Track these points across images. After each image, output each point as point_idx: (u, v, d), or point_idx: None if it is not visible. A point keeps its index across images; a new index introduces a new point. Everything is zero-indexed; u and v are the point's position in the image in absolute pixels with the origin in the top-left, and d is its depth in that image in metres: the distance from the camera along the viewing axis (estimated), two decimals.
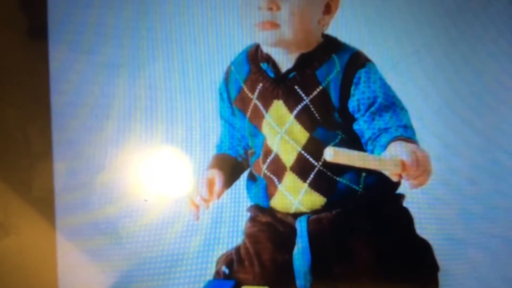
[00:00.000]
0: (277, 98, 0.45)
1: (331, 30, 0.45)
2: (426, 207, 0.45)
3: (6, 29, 0.44)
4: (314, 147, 0.44)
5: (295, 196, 0.45)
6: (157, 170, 0.45)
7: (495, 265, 0.45)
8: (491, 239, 0.45)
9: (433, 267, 0.44)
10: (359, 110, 0.44)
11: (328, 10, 0.45)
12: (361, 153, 0.44)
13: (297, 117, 0.44)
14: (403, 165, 0.41)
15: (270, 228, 0.45)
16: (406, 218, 0.45)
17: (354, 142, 0.44)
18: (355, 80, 0.44)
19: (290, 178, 0.45)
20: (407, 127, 0.44)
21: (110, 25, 0.45)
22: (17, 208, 0.43)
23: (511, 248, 0.45)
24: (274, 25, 0.44)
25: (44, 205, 0.44)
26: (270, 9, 0.44)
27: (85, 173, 0.44)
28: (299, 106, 0.45)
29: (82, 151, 0.44)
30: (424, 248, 0.45)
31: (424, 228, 0.45)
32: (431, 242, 0.44)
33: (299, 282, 0.44)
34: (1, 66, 0.44)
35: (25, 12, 0.45)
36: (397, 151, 0.42)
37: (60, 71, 0.45)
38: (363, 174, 0.45)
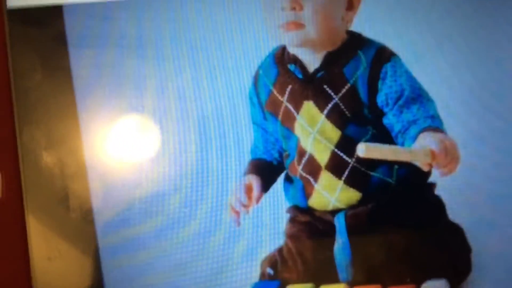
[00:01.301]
0: (307, 99, 0.45)
1: (355, 26, 0.45)
2: (456, 193, 0.46)
3: (23, 50, 0.43)
4: (347, 144, 0.45)
5: (331, 194, 0.46)
6: (193, 180, 0.45)
7: None
8: None
9: (466, 249, 0.47)
10: (387, 104, 0.45)
11: (351, 6, 0.45)
12: (392, 147, 0.45)
13: (328, 116, 0.45)
14: (433, 154, 0.43)
15: (310, 227, 0.46)
16: (438, 205, 0.47)
17: (385, 136, 0.45)
18: (381, 75, 0.45)
19: (325, 177, 0.46)
20: (434, 117, 0.45)
21: (132, 36, 0.44)
22: (57, 231, 0.43)
23: None
24: (299, 25, 0.44)
25: (84, 225, 0.43)
26: (293, 9, 0.44)
27: (122, 190, 0.44)
28: (329, 105, 0.45)
29: (116, 167, 0.44)
30: (456, 232, 0.47)
31: (455, 213, 0.46)
32: (462, 225, 0.46)
33: (342, 275, 0.46)
34: (24, 87, 0.43)
35: (41, 31, 0.43)
36: (426, 141, 0.43)
37: (85, 88, 0.43)
38: (396, 166, 0.46)
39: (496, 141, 0.47)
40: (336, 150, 0.45)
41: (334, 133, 0.45)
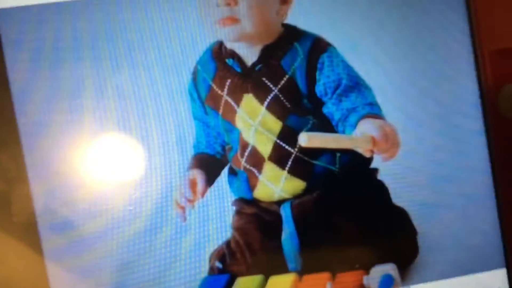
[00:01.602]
0: (247, 91, 0.46)
1: (290, 19, 0.46)
2: (399, 177, 0.47)
3: None
4: (289, 134, 0.46)
5: (276, 185, 0.46)
6: (137, 178, 0.45)
7: (464, 221, 0.48)
8: (458, 198, 0.48)
9: (411, 232, 0.47)
10: (326, 93, 0.46)
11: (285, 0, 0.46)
12: (334, 135, 0.46)
13: (268, 108, 0.46)
14: (374, 140, 0.43)
15: (257, 219, 0.47)
16: (382, 190, 0.47)
17: (325, 125, 0.46)
18: (319, 66, 0.46)
19: (269, 168, 0.46)
20: (373, 104, 0.46)
21: (68, 38, 0.44)
22: (0, 236, 0.42)
23: (476, 204, 0.48)
24: (234, 20, 0.45)
25: (27, 229, 0.43)
26: (228, 4, 0.45)
27: (64, 192, 0.44)
28: (269, 97, 0.46)
29: (58, 169, 0.44)
30: (401, 216, 0.47)
31: (399, 197, 0.47)
32: (406, 209, 0.47)
33: (291, 265, 0.46)
34: None
35: None
36: (367, 128, 0.44)
37: (23, 92, 0.43)
38: (338, 154, 0.47)
39: (434, 124, 0.48)
40: (278, 141, 0.46)
41: (276, 125, 0.46)
